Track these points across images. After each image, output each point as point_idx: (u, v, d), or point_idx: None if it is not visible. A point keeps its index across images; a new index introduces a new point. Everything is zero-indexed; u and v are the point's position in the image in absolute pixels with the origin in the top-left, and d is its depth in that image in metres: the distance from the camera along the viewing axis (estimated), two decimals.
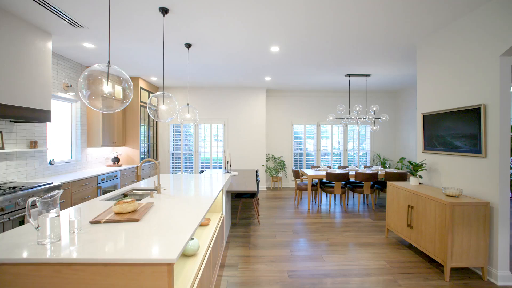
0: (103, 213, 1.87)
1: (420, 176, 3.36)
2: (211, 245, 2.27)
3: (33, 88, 3.16)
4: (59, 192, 1.46)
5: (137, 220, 1.73)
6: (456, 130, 2.96)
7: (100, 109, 1.66)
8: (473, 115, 2.73)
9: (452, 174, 3.04)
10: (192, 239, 2.05)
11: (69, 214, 1.53)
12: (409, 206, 3.11)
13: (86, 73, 1.59)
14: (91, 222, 1.68)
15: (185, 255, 2.01)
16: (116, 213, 1.85)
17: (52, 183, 3.26)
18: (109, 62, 1.67)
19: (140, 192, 3.05)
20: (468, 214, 2.50)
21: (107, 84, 1.65)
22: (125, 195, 2.86)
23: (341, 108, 5.48)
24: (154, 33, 3.37)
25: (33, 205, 2.73)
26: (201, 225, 2.72)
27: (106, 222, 1.70)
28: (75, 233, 1.50)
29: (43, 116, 3.28)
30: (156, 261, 1.21)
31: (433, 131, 3.32)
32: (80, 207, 1.96)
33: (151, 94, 6.46)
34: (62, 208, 3.40)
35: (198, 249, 2.06)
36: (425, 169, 3.44)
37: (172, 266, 1.23)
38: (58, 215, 1.42)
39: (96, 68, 1.62)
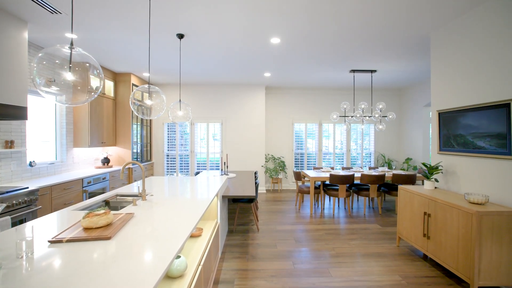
0: (69, 228, 1.54)
1: (436, 180, 3.04)
2: (202, 262, 1.95)
3: (6, 82, 2.83)
4: (0, 207, 1.13)
5: (108, 238, 1.41)
6: (478, 128, 2.65)
7: (60, 101, 1.33)
8: (500, 111, 2.41)
9: (473, 178, 2.72)
10: (179, 256, 1.73)
11: (16, 232, 1.21)
12: (425, 213, 2.79)
13: (40, 55, 1.26)
14: (51, 242, 1.36)
15: (170, 276, 1.69)
16: (85, 229, 1.53)
17: (28, 187, 2.93)
18: (72, 43, 1.35)
19: (129, 198, 2.71)
20: (498, 225, 2.18)
21: (69, 71, 1.32)
22: (107, 202, 2.54)
23: (345, 106, 5.16)
24: (143, 21, 3.04)
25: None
26: (192, 236, 2.40)
27: (70, 241, 1.38)
28: (23, 258, 1.18)
29: (17, 113, 2.95)
30: None
31: (451, 130, 3.00)
32: (33, 224, 1.62)
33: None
34: (40, 215, 3.07)
35: (186, 268, 1.73)
36: (441, 172, 3.13)
37: None
38: None
39: (55, 50, 1.30)
